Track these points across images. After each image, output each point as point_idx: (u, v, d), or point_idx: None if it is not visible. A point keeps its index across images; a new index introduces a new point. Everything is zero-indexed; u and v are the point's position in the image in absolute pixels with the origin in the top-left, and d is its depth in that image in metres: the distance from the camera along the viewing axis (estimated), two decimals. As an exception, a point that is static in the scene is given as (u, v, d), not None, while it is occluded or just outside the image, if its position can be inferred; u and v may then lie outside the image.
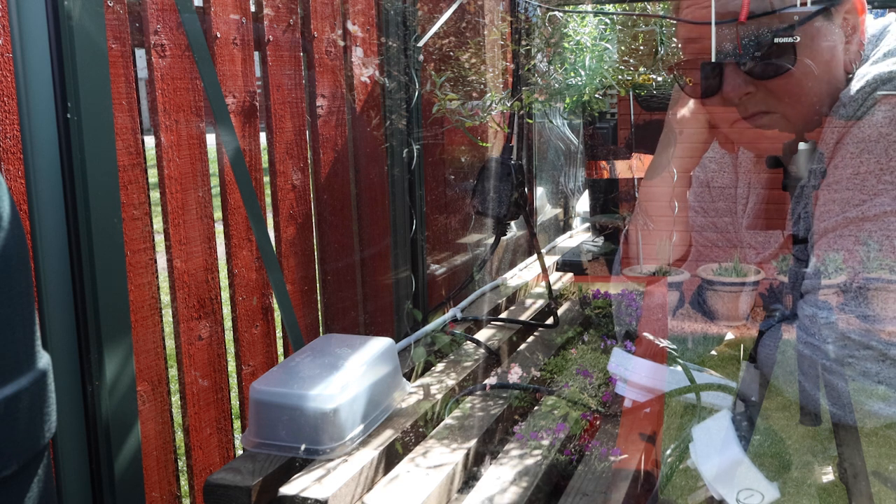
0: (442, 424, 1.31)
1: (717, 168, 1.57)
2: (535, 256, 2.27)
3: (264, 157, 1.78)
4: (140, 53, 1.47)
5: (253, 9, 1.70)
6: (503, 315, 1.92)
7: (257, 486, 1.11)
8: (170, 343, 1.56)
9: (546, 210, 3.18)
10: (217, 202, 1.65)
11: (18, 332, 0.79)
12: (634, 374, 1.33)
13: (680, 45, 1.36)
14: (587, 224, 3.17)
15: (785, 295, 1.34)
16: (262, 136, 1.77)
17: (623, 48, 2.10)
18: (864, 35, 1.26)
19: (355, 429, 1.23)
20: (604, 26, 1.91)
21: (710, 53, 1.21)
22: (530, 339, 1.79)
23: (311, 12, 1.82)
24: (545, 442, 1.23)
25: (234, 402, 1.76)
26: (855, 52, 1.25)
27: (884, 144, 1.15)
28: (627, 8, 2.04)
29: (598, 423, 1.30)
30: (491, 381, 1.46)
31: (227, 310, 1.70)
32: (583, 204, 3.31)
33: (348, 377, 1.25)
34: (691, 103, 1.46)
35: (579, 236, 3.10)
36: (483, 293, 2.08)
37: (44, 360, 0.83)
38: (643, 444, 1.22)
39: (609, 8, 2.01)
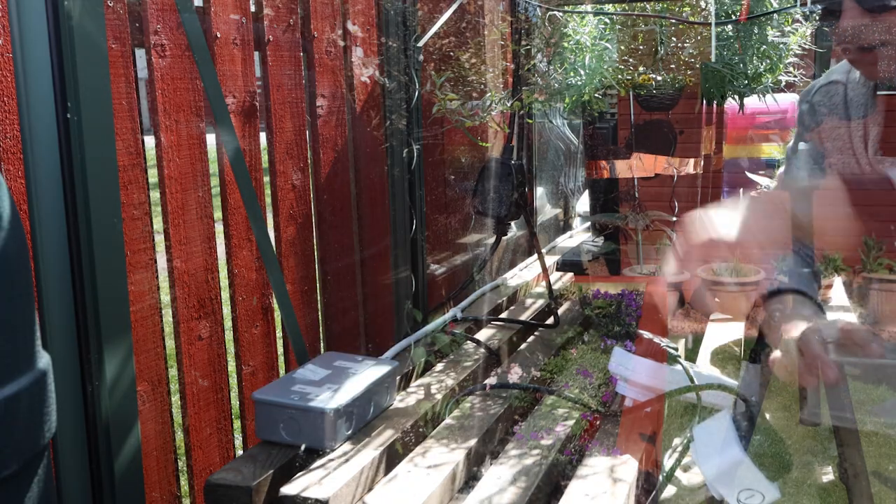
0: (442, 424, 1.31)
1: (826, 112, 1.52)
2: (535, 256, 2.26)
3: (264, 157, 1.77)
4: (140, 53, 1.47)
5: (253, 9, 1.70)
6: (503, 315, 1.92)
7: (258, 486, 1.11)
8: (170, 343, 1.56)
9: (546, 210, 3.18)
10: (217, 202, 1.65)
11: (18, 332, 0.78)
12: (635, 374, 1.33)
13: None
14: (587, 224, 3.17)
15: (785, 294, 1.34)
16: (262, 136, 1.77)
17: (623, 48, 2.09)
18: None
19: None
20: (603, 26, 1.91)
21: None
22: (530, 339, 1.79)
23: (311, 12, 1.82)
24: (545, 442, 1.23)
25: (234, 402, 1.76)
26: None
27: None
28: (627, 8, 2.03)
29: (598, 423, 1.30)
30: (491, 381, 1.46)
31: (227, 310, 1.70)
32: (583, 204, 3.32)
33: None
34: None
35: (579, 236, 3.10)
36: (483, 293, 2.08)
37: (44, 360, 0.83)
38: (643, 444, 1.22)
39: (609, 8, 2.01)
